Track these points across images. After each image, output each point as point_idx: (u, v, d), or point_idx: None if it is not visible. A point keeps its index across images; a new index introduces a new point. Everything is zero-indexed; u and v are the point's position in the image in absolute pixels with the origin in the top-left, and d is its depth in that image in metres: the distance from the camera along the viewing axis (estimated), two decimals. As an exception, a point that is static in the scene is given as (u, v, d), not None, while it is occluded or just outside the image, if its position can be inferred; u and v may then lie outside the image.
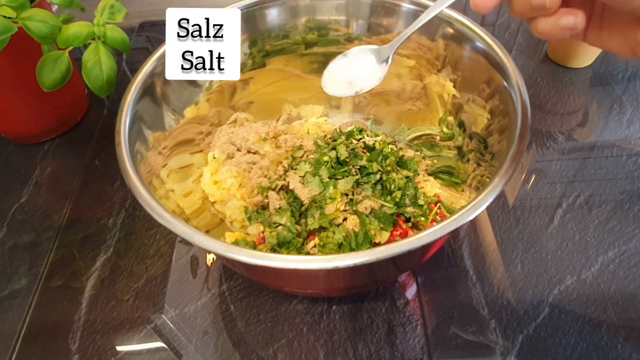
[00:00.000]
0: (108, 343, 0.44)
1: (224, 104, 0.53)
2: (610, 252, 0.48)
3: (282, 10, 0.51)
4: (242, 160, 0.48)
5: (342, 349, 0.43)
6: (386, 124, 0.57)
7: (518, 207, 0.53)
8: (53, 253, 0.51)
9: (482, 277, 0.47)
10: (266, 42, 0.52)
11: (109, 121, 0.66)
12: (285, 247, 0.42)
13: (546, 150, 0.58)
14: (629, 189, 0.54)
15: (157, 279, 0.48)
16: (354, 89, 0.41)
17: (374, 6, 0.50)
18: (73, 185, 0.58)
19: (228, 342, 0.44)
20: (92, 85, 0.49)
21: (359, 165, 0.45)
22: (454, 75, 0.49)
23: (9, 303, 0.48)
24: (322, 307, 0.46)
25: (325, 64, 0.54)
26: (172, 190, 0.44)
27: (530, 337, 0.43)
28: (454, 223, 0.31)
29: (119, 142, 0.38)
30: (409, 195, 0.44)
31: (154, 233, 0.52)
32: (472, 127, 0.47)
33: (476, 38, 0.44)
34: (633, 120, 0.61)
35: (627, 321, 0.43)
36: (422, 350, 0.42)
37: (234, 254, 0.31)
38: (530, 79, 0.67)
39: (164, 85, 0.45)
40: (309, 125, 0.54)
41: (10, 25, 0.46)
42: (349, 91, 0.41)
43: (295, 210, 0.43)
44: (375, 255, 0.30)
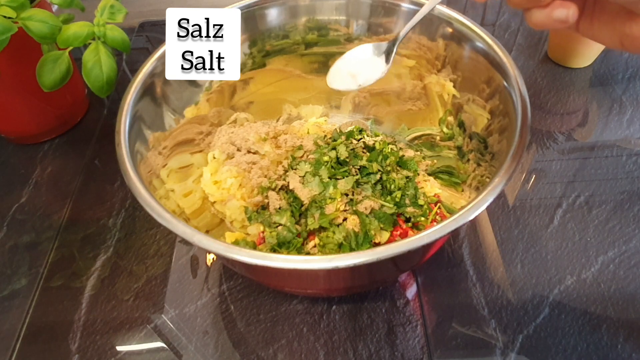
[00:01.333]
0: (108, 343, 0.44)
1: (224, 104, 0.53)
2: (610, 252, 0.48)
3: (282, 10, 0.51)
4: (242, 160, 0.48)
5: (342, 349, 0.43)
6: (386, 124, 0.57)
7: (518, 207, 0.53)
8: (53, 253, 0.51)
9: (482, 277, 0.47)
10: (266, 42, 0.52)
11: (109, 121, 0.66)
12: (285, 247, 0.42)
13: (546, 150, 0.58)
14: (629, 189, 0.54)
15: (157, 279, 0.48)
16: (357, 82, 0.41)
17: (374, 6, 0.50)
18: (73, 185, 0.58)
19: (228, 342, 0.44)
20: (92, 85, 0.49)
21: (359, 165, 0.45)
22: (454, 75, 0.49)
23: (9, 303, 0.48)
24: (322, 307, 0.46)
25: (325, 64, 0.55)
26: (172, 190, 0.44)
27: (530, 337, 0.43)
28: (454, 223, 0.31)
29: (119, 142, 0.38)
30: (409, 195, 0.44)
31: (154, 233, 0.52)
32: (472, 127, 0.47)
33: (476, 38, 0.44)
34: (633, 120, 0.61)
35: (627, 321, 0.43)
36: (422, 350, 0.42)
37: (234, 254, 0.31)
38: (530, 79, 0.67)
39: (164, 85, 0.45)
40: (309, 125, 0.54)
41: (10, 25, 0.46)
42: (352, 85, 0.42)
43: (295, 210, 0.43)
44: (375, 255, 0.30)
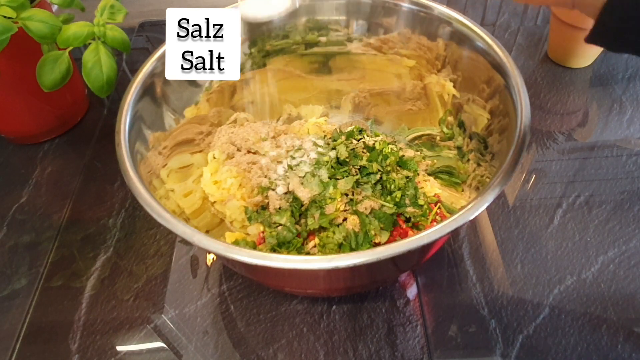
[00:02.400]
0: (108, 343, 0.44)
1: (224, 104, 0.53)
2: (610, 252, 0.48)
3: (282, 10, 0.51)
4: (242, 160, 0.48)
5: (342, 349, 0.43)
6: (386, 124, 0.57)
7: (518, 207, 0.53)
8: (53, 253, 0.51)
9: (482, 277, 0.47)
10: (266, 42, 0.52)
11: (109, 121, 0.66)
12: (285, 247, 0.42)
13: (546, 150, 0.58)
14: (629, 189, 0.54)
15: (157, 279, 0.48)
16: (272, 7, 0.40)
17: (374, 6, 0.50)
18: (73, 185, 0.58)
19: (228, 342, 0.44)
20: (92, 85, 0.49)
21: (359, 165, 0.45)
22: (454, 75, 0.49)
23: (9, 303, 0.48)
24: (322, 307, 0.46)
25: (325, 64, 0.55)
26: (172, 190, 0.44)
27: (530, 337, 0.43)
28: (454, 223, 0.31)
29: (119, 142, 0.38)
30: (409, 195, 0.44)
31: (154, 233, 0.52)
32: (472, 127, 0.47)
33: (476, 38, 0.44)
34: (633, 120, 0.61)
35: (627, 321, 0.43)
36: (422, 350, 0.42)
37: (234, 254, 0.31)
38: (530, 79, 0.67)
39: (164, 85, 0.45)
40: (309, 125, 0.54)
41: (10, 25, 0.46)
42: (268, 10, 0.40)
43: (295, 210, 0.43)
44: (375, 255, 0.30)
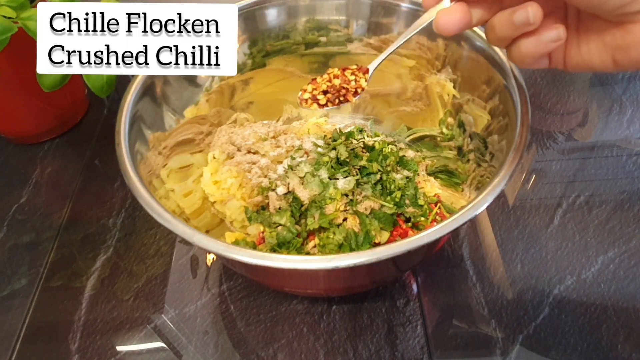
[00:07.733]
0: (108, 343, 0.44)
1: (224, 104, 0.53)
2: (610, 252, 0.48)
3: (282, 10, 0.51)
4: (242, 160, 0.48)
5: (342, 349, 0.43)
6: (386, 124, 0.57)
7: (518, 207, 0.53)
8: (53, 253, 0.51)
9: (482, 277, 0.47)
10: (266, 42, 0.52)
11: (109, 121, 0.66)
12: (285, 247, 0.42)
13: (546, 150, 0.58)
14: (629, 189, 0.54)
15: (157, 279, 0.48)
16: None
17: (374, 6, 0.50)
18: (73, 185, 0.58)
19: (228, 342, 0.44)
20: (92, 85, 0.49)
21: (359, 165, 0.45)
22: (454, 75, 0.49)
23: (9, 303, 0.48)
24: (322, 307, 0.46)
25: (325, 64, 0.55)
26: (172, 190, 0.44)
27: (530, 337, 0.43)
28: (454, 223, 0.31)
29: (119, 142, 0.38)
30: (409, 195, 0.44)
31: (154, 233, 0.52)
32: (472, 127, 0.47)
33: (476, 38, 0.44)
34: (633, 120, 0.61)
35: (627, 321, 0.43)
36: (422, 350, 0.42)
37: (234, 254, 0.31)
38: (530, 79, 0.67)
39: (164, 85, 0.45)
40: (309, 125, 0.54)
41: (10, 25, 0.46)
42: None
43: (295, 210, 0.43)
44: (375, 255, 0.30)
